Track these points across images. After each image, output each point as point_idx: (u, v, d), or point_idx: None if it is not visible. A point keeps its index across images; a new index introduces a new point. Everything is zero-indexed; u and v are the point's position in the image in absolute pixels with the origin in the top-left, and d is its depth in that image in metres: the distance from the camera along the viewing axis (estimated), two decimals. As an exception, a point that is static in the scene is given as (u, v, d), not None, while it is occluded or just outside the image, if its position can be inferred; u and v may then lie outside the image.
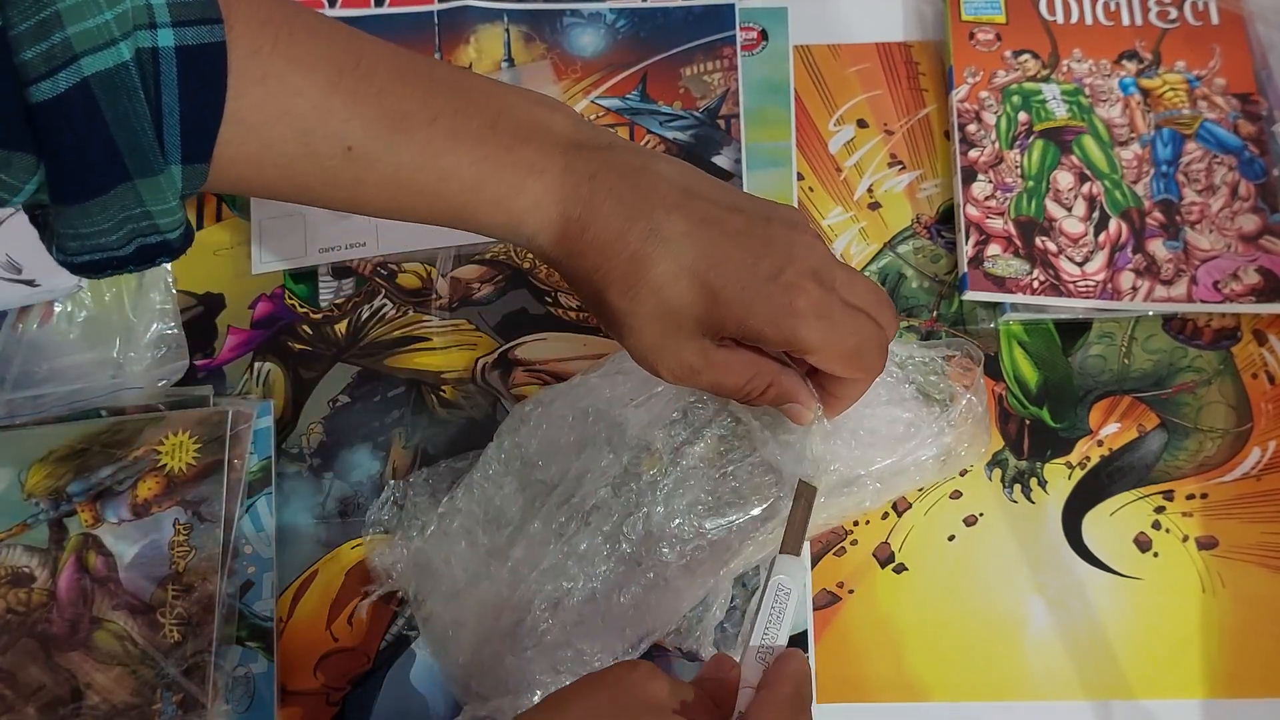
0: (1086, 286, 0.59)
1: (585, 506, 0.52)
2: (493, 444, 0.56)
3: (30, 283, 0.61)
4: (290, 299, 0.64)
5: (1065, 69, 0.65)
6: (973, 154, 0.63)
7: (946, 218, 0.63)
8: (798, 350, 0.42)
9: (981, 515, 0.57)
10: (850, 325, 0.43)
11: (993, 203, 0.62)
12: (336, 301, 0.64)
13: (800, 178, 0.65)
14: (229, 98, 0.37)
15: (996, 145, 0.63)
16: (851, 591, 0.56)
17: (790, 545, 0.45)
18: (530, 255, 0.64)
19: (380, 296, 0.64)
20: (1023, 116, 0.64)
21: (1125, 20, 0.66)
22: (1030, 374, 0.60)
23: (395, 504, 0.57)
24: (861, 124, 0.66)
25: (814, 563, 0.57)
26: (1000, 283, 0.60)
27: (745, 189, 0.64)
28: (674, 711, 0.38)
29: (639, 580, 0.51)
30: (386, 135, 0.39)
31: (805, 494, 0.46)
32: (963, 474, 0.58)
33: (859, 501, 0.53)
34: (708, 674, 0.42)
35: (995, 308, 0.60)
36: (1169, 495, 0.57)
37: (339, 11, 0.70)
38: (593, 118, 0.67)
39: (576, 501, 0.52)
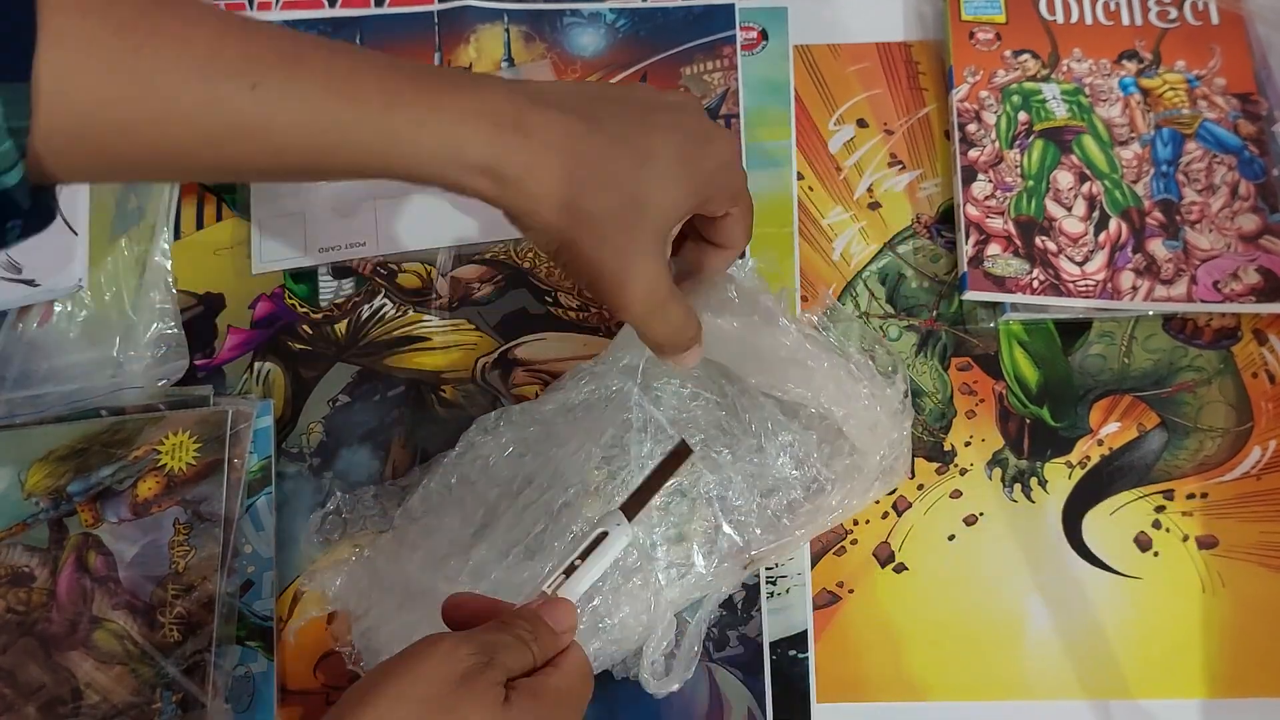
0: (1086, 286, 0.59)
1: (554, 506, 0.52)
2: (453, 452, 0.56)
3: (30, 283, 0.61)
4: (290, 299, 0.64)
5: (1065, 69, 0.65)
6: (973, 153, 0.63)
7: (946, 217, 0.63)
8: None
9: (981, 515, 0.57)
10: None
11: (993, 202, 0.62)
12: (336, 301, 0.64)
13: (800, 177, 0.65)
14: (126, 64, 0.36)
15: (996, 145, 0.63)
16: (851, 591, 0.56)
17: (634, 506, 0.44)
18: (530, 255, 0.64)
19: (380, 296, 0.64)
20: (1023, 116, 0.64)
21: (1125, 20, 0.66)
22: (1030, 373, 0.60)
23: (340, 516, 0.57)
24: (861, 123, 0.66)
25: (814, 562, 0.57)
26: (1000, 282, 0.60)
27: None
28: (487, 666, 0.37)
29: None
30: (288, 68, 0.38)
31: (680, 454, 0.46)
32: (963, 473, 0.58)
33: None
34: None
35: (995, 307, 0.60)
36: (1169, 495, 0.57)
37: (339, 12, 0.70)
38: (593, 117, 0.67)
39: (541, 506, 0.52)
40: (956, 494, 0.58)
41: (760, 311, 0.52)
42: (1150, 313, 0.60)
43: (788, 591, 0.56)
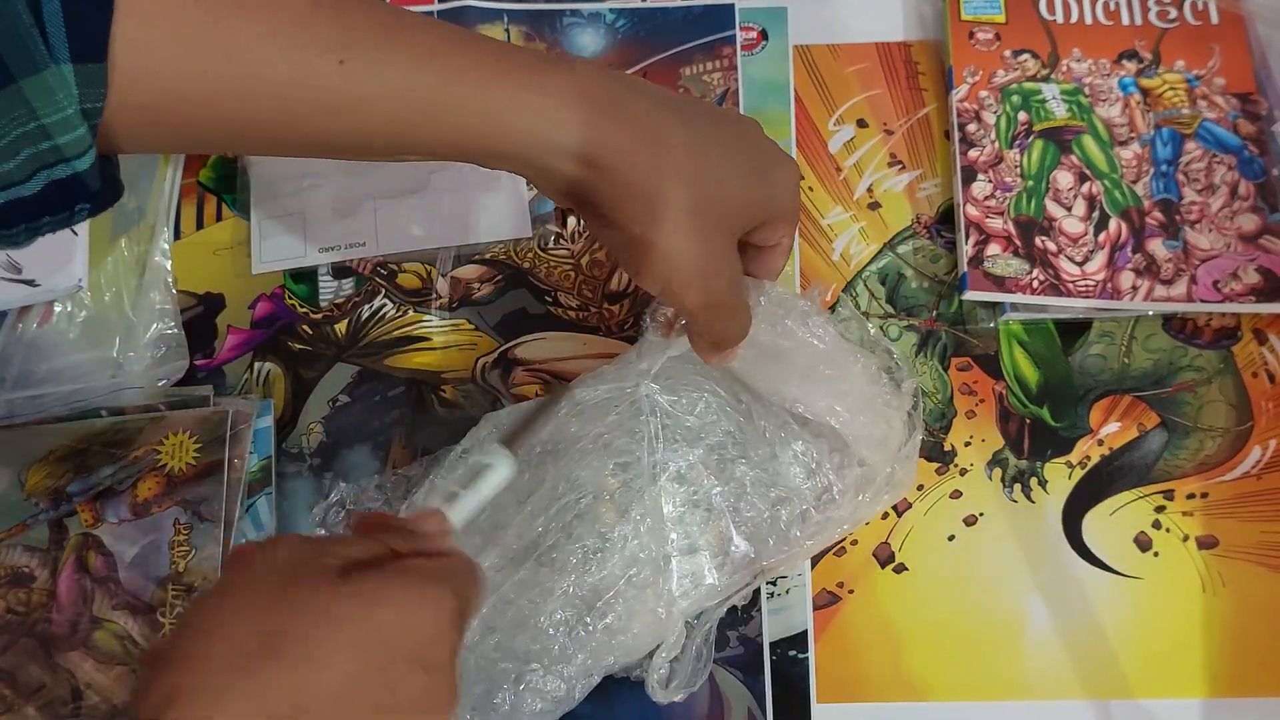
0: (1086, 286, 0.59)
1: (567, 516, 0.52)
2: (457, 450, 0.55)
3: (30, 283, 0.61)
4: (290, 299, 0.64)
5: (1065, 69, 0.65)
6: (972, 154, 0.63)
7: (946, 217, 0.63)
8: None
9: (981, 515, 0.57)
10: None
11: (992, 202, 0.62)
12: (336, 301, 0.64)
13: (800, 177, 0.65)
14: (208, 35, 0.34)
15: (996, 145, 0.63)
16: (851, 591, 0.56)
17: (516, 440, 0.42)
18: (530, 255, 0.64)
19: (380, 296, 0.64)
20: (1022, 116, 0.64)
21: (1125, 20, 0.66)
22: (1030, 373, 0.60)
23: (344, 507, 0.56)
24: (861, 124, 0.66)
25: (814, 562, 0.57)
26: (1000, 282, 0.60)
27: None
28: (321, 554, 0.35)
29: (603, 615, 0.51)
30: (380, 42, 0.36)
31: (557, 395, 0.45)
32: (963, 473, 0.58)
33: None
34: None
35: (995, 307, 0.60)
36: (1169, 494, 0.57)
37: (339, 12, 0.70)
38: (593, 118, 0.67)
39: (550, 530, 0.52)
40: (956, 494, 0.58)
41: (795, 314, 0.51)
42: (1150, 313, 0.60)
43: (788, 592, 0.56)
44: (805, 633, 0.55)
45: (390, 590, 0.34)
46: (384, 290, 0.64)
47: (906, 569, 0.56)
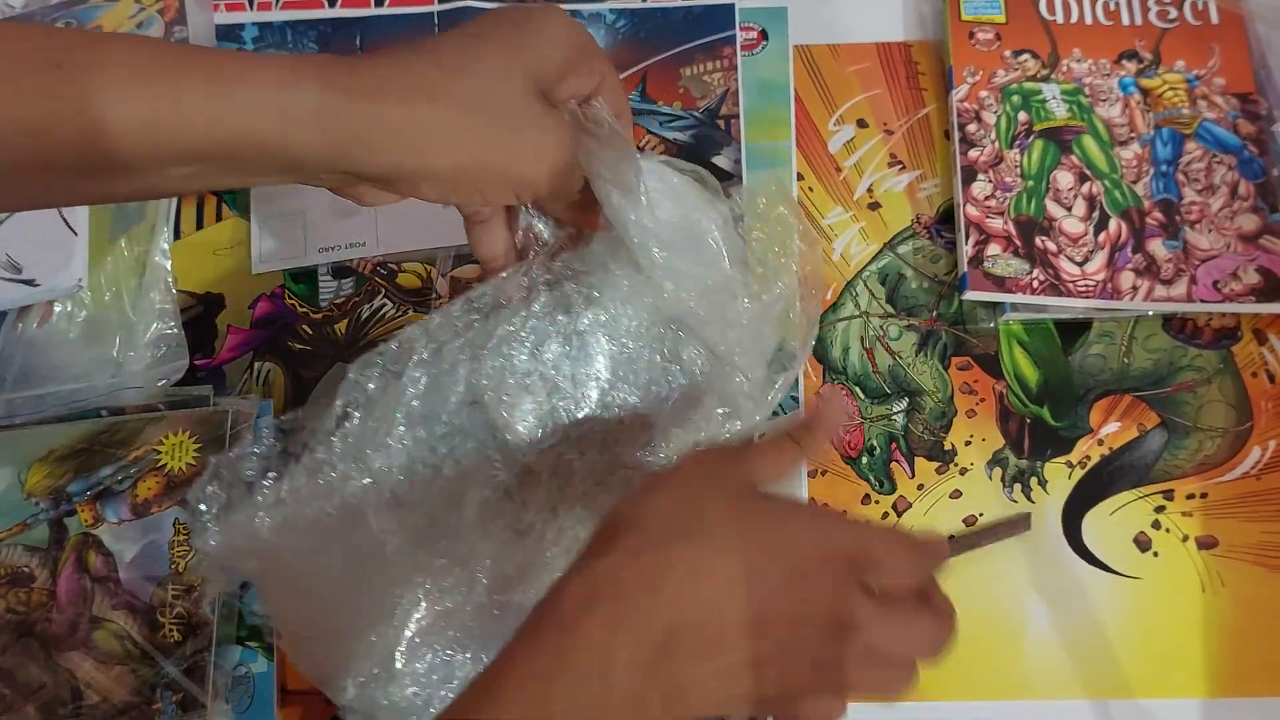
0: (1086, 286, 0.59)
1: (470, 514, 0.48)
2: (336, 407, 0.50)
3: (30, 283, 0.61)
4: (290, 299, 0.64)
5: (1065, 69, 0.65)
6: (972, 154, 0.63)
7: (946, 217, 0.63)
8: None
9: (981, 515, 0.57)
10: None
11: (992, 202, 0.62)
12: (336, 301, 0.64)
13: (800, 178, 0.65)
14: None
15: (996, 145, 0.63)
16: (851, 591, 0.56)
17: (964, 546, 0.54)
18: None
19: (380, 296, 0.64)
20: (1022, 116, 0.64)
21: (1125, 20, 0.66)
22: (1030, 373, 0.60)
23: (222, 481, 0.49)
24: (861, 124, 0.66)
25: (814, 562, 0.57)
26: (1000, 282, 0.60)
27: (745, 189, 0.64)
28: (734, 465, 0.41)
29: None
30: (88, 44, 0.40)
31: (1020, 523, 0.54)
32: (963, 473, 0.58)
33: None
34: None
35: (995, 307, 0.60)
36: (1169, 495, 0.57)
37: (339, 12, 0.70)
38: (593, 117, 0.67)
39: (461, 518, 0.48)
40: (956, 494, 0.58)
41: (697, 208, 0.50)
42: (1150, 313, 0.60)
43: (788, 591, 0.56)
44: (805, 633, 0.55)
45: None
46: (384, 290, 0.64)
47: (906, 569, 0.56)
